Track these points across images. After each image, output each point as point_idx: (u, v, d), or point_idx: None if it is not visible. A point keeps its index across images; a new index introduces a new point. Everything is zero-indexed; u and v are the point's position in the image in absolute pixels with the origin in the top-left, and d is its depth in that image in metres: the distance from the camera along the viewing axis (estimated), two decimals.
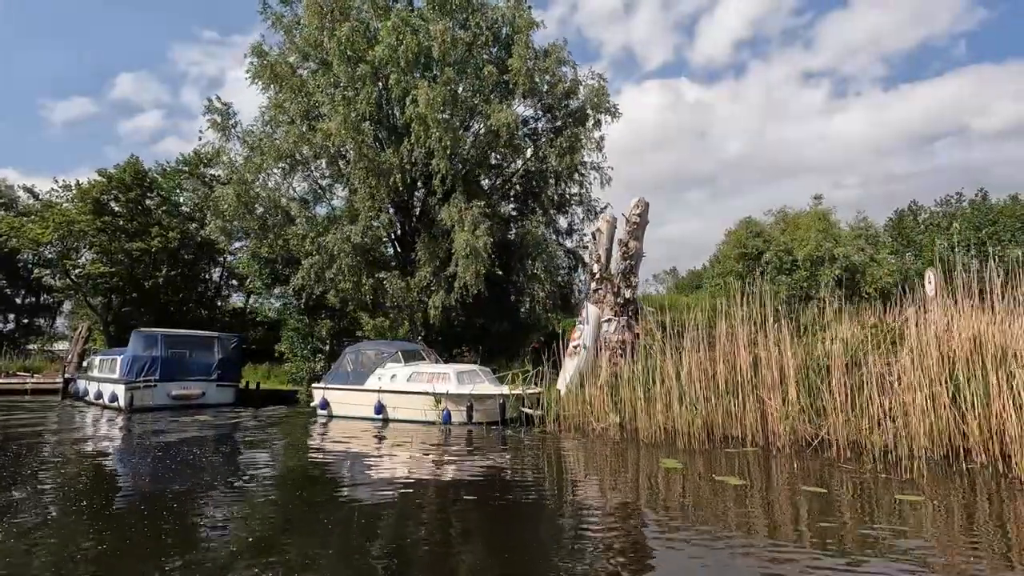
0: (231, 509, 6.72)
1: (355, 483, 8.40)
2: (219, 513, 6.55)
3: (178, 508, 6.62)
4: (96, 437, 13.50)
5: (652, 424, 11.07)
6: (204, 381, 19.13)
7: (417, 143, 20.07)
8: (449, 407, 13.00)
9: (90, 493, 7.62)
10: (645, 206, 17.66)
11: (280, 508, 6.86)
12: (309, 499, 7.30)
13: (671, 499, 7.13)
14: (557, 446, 11.19)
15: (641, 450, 10.40)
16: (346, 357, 15.66)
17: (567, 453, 10.56)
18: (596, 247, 18.76)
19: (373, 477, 8.75)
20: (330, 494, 7.70)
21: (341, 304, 19.55)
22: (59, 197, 30.86)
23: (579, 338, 17.43)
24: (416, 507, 6.90)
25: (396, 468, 9.36)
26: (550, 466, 9.49)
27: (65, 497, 7.32)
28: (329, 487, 8.22)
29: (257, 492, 7.52)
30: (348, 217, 20.93)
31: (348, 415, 14.87)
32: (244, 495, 7.38)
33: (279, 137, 20.07)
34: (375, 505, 6.97)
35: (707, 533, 5.56)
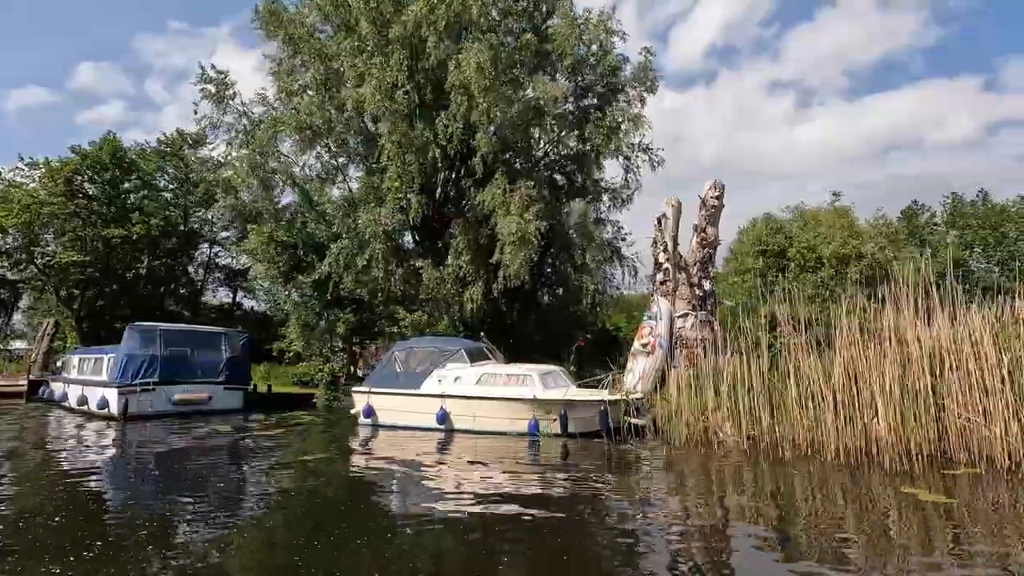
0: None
1: (453, 523, 6.24)
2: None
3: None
4: (83, 452, 10.94)
5: (806, 435, 9.20)
6: (210, 384, 16.48)
7: (454, 117, 17.91)
8: (536, 416, 10.92)
9: (86, 537, 5.37)
10: (722, 188, 15.92)
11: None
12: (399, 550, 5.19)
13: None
14: (687, 465, 9.23)
15: (814, 470, 8.48)
16: (394, 356, 13.36)
17: (716, 475, 8.55)
18: (662, 234, 16.91)
19: (475, 514, 6.61)
20: (428, 539, 5.60)
21: (370, 296, 17.19)
22: (24, 177, 27.38)
23: (648, 335, 15.58)
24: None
25: (493, 500, 7.25)
26: (706, 496, 7.49)
27: (56, 545, 5.07)
28: (423, 526, 6.07)
29: (324, 552, 5.25)
30: (372, 199, 18.57)
31: (400, 424, 12.58)
32: (313, 551, 5.19)
33: (299, 105, 17.56)
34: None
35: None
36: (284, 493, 7.61)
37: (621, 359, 19.55)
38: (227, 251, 33.97)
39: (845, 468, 8.46)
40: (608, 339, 20.51)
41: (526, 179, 17.76)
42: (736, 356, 10.96)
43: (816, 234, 33.45)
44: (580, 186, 21.53)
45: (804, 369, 9.77)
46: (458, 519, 6.30)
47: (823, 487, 7.68)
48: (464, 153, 19.20)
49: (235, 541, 5.62)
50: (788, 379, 9.86)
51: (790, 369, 9.84)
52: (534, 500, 7.10)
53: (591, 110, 20.64)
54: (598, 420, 10.70)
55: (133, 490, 7.83)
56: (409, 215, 18.16)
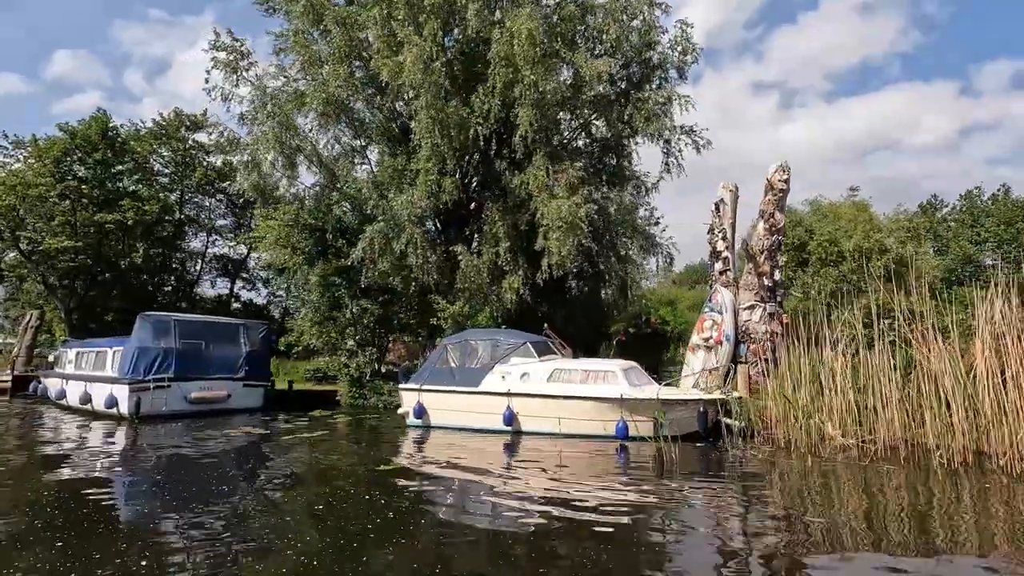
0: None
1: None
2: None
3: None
4: (93, 459, 9.50)
5: (963, 440, 8.08)
6: (229, 380, 15.00)
7: (491, 92, 16.57)
8: (625, 417, 9.73)
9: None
10: (789, 171, 14.87)
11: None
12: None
13: None
14: (814, 475, 8.10)
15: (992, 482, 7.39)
16: (447, 350, 12.04)
17: (872, 491, 7.36)
18: (720, 220, 15.84)
19: (571, 532, 5.49)
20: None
21: (403, 285, 15.80)
22: (8, 156, 25.32)
23: (711, 328, 14.50)
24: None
25: (588, 513, 6.17)
26: (896, 520, 6.37)
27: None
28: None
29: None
30: (397, 181, 17.16)
31: (456, 425, 11.31)
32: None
33: (325, 77, 16.05)
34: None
35: None
36: (350, 508, 6.30)
37: (667, 354, 18.64)
38: (224, 239, 32.18)
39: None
40: (644, 333, 19.38)
41: (571, 160, 16.51)
42: (838, 350, 9.89)
43: (836, 227, 32.86)
44: (614, 170, 20.36)
45: (937, 365, 8.69)
46: (551, 535, 5.13)
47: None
48: (500, 133, 17.89)
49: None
50: (921, 377, 8.79)
51: (920, 364, 8.79)
52: (638, 512, 6.02)
53: (630, 89, 19.44)
54: (696, 422, 9.56)
55: (163, 508, 6.44)
56: (441, 199, 16.81)
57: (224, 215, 32.61)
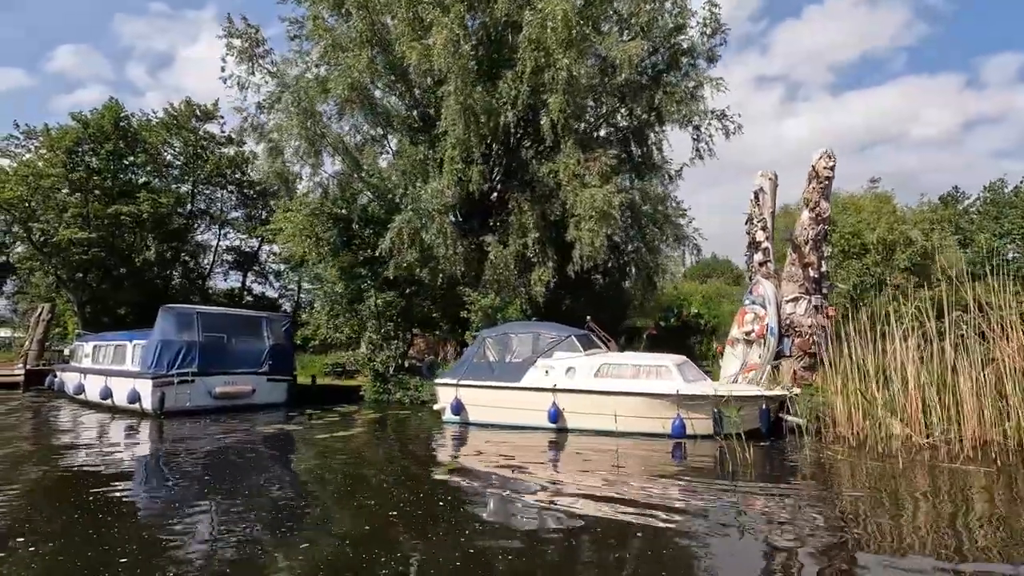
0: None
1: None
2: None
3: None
4: (118, 455, 9.04)
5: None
6: (253, 375, 14.54)
7: (520, 78, 16.00)
8: (682, 414, 9.24)
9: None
10: (835, 158, 14.29)
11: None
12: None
13: None
14: (890, 476, 7.57)
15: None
16: (485, 344, 11.53)
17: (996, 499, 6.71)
18: (760, 210, 15.32)
19: (632, 540, 5.03)
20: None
21: (431, 277, 15.29)
22: (20, 147, 24.82)
23: (752, 322, 13.96)
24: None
25: (651, 518, 5.67)
26: None
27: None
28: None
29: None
30: (419, 170, 16.62)
31: (496, 422, 10.81)
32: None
33: (348, 61, 15.48)
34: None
35: None
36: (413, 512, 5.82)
37: (701, 348, 18.06)
38: (236, 232, 31.72)
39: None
40: (674, 327, 18.84)
41: (604, 148, 15.96)
42: (910, 343, 9.35)
43: (859, 219, 32.21)
44: (639, 159, 19.79)
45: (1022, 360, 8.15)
46: (605, 537, 4.65)
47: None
48: (527, 120, 17.34)
49: None
50: (1004, 372, 8.25)
51: (1002, 358, 8.25)
52: (700, 515, 5.59)
53: (659, 74, 18.83)
54: (758, 419, 9.06)
55: (219, 514, 5.97)
56: (468, 188, 16.29)
57: (235, 207, 32.16)
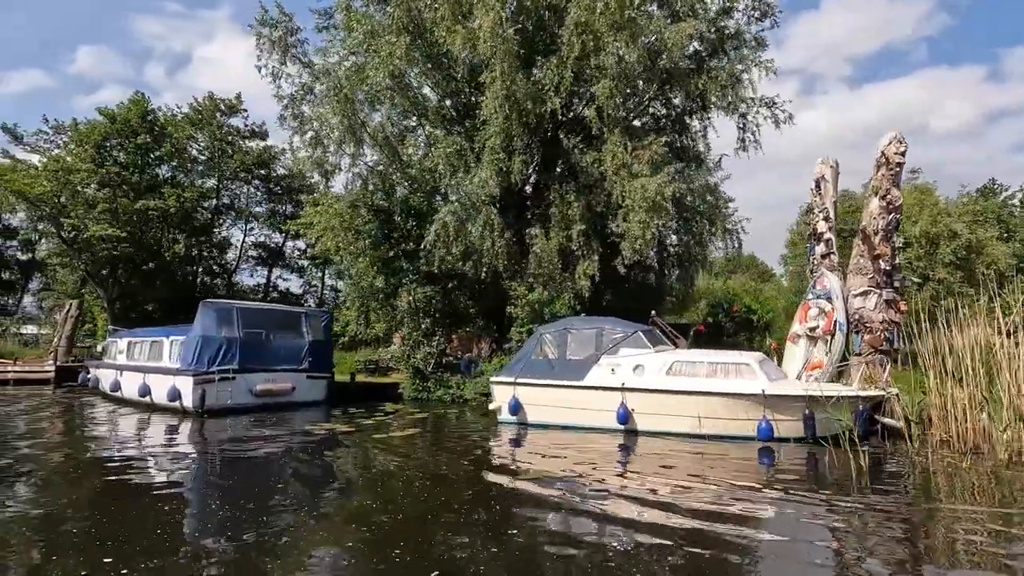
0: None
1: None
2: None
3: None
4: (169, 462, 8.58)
5: None
6: (293, 372, 14.11)
7: (564, 63, 15.35)
8: (769, 416, 8.60)
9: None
10: (906, 144, 13.47)
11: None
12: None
13: None
14: (1014, 485, 6.85)
15: None
16: (543, 339, 10.94)
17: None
18: (821, 199, 14.54)
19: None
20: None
21: (475, 270, 14.73)
22: (47, 142, 24.67)
23: (817, 317, 13.23)
24: None
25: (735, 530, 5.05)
26: None
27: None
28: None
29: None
30: (455, 162, 16.05)
31: (558, 423, 10.24)
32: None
33: (387, 48, 14.93)
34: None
35: None
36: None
37: (753, 344, 17.36)
38: (262, 227, 31.47)
39: None
40: (721, 323, 18.11)
41: (648, 136, 15.28)
42: (1017, 338, 8.59)
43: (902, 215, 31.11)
44: (679, 148, 19.04)
45: None
46: (682, 548, 3.98)
47: None
48: (570, 107, 16.69)
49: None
50: None
51: None
52: (799, 528, 4.95)
53: (703, 58, 18.05)
54: (852, 421, 8.37)
55: (290, 532, 5.45)
56: (510, 179, 15.68)
57: (260, 202, 31.93)
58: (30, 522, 5.43)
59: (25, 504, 6.05)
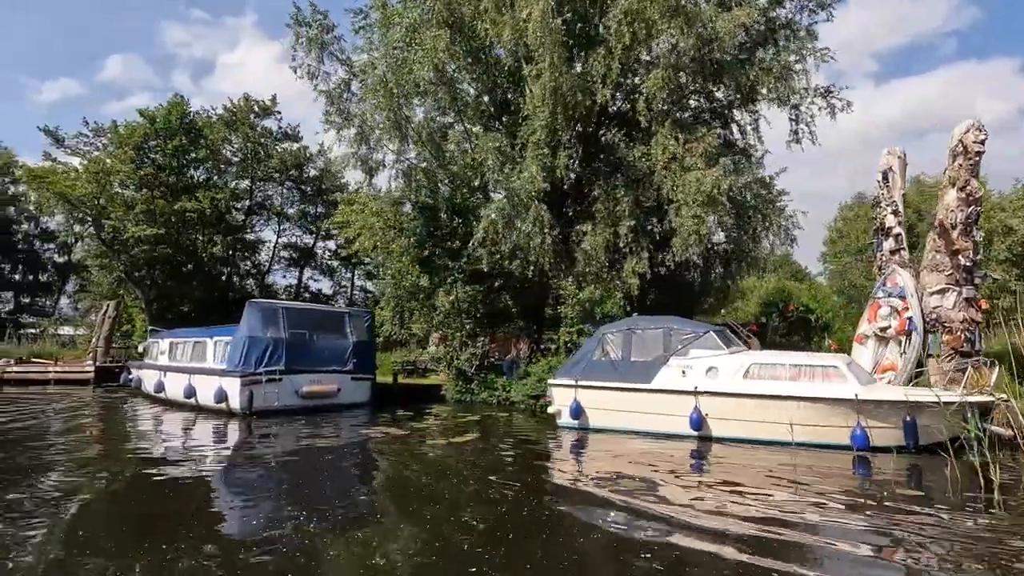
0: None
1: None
2: None
3: None
4: (238, 461, 8.26)
5: None
6: (337, 373, 13.82)
7: (610, 54, 14.82)
8: (863, 423, 7.98)
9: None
10: (986, 132, 12.65)
11: None
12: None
13: None
14: None
15: None
16: (605, 339, 10.42)
17: None
18: (889, 191, 13.78)
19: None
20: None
21: (522, 269, 14.27)
22: (87, 144, 24.92)
23: (889, 316, 12.48)
24: None
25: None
26: None
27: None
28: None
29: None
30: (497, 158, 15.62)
31: (624, 428, 9.71)
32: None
33: (429, 42, 14.57)
34: None
35: None
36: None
37: (810, 345, 16.61)
38: (296, 227, 31.49)
39: None
40: (775, 323, 17.35)
41: (707, 127, 14.68)
42: None
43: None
44: (726, 142, 18.33)
45: None
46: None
47: None
48: (615, 100, 16.15)
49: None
50: None
51: None
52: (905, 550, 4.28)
53: (752, 48, 17.32)
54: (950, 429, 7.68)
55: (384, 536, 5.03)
56: (555, 174, 15.20)
57: (292, 204, 31.96)
58: (95, 515, 5.11)
59: (94, 498, 5.76)
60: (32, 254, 44.69)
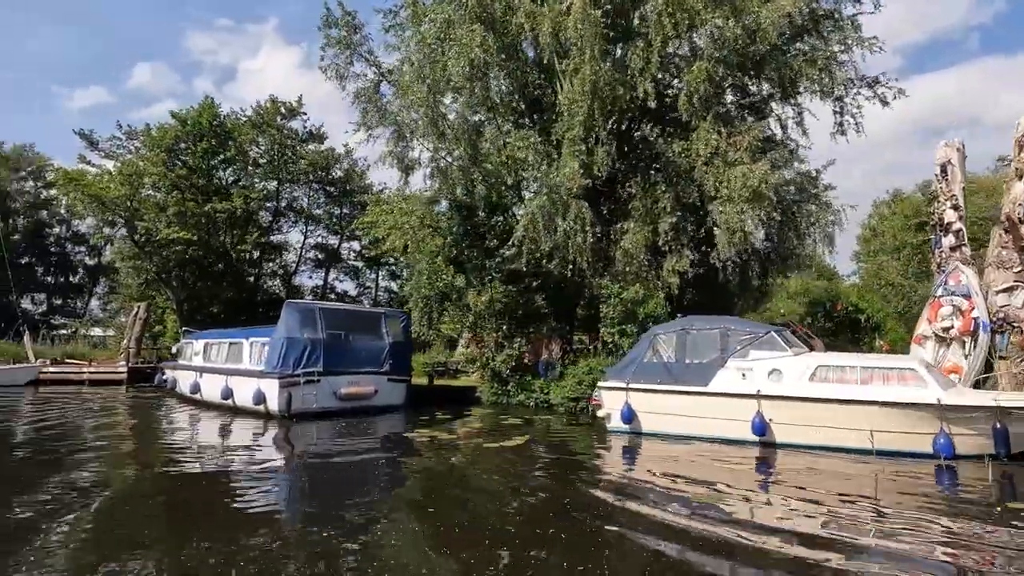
0: None
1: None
2: None
3: None
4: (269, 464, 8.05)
5: None
6: (375, 374, 13.60)
7: (649, 46, 14.40)
8: (947, 430, 7.49)
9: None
10: None
11: None
12: None
13: None
14: None
15: None
16: (656, 340, 10.02)
17: None
18: (948, 186, 13.18)
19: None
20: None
21: (561, 267, 13.91)
22: (120, 147, 25.15)
23: (952, 316, 11.88)
24: None
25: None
26: None
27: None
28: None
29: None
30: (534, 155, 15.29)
31: (679, 433, 9.31)
32: None
33: (465, 36, 14.30)
34: None
35: None
36: None
37: (861, 347, 16.02)
38: (322, 228, 31.52)
39: None
40: (820, 323, 16.75)
41: (755, 117, 14.19)
42: None
43: (992, 203, 28.69)
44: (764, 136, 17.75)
45: None
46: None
47: None
48: (659, 93, 15.71)
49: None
50: None
51: None
52: None
53: (792, 38, 16.71)
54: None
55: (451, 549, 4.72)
56: (592, 171, 14.81)
57: (319, 205, 32.01)
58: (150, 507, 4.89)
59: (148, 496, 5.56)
60: (63, 257, 45.54)
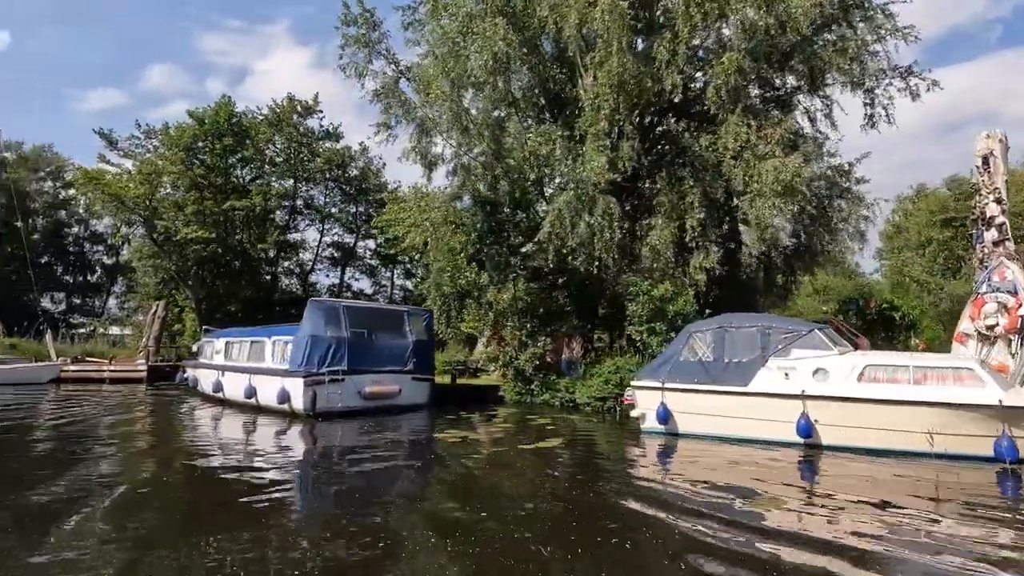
0: None
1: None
2: None
3: None
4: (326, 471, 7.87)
5: None
6: (399, 373, 13.44)
7: (676, 38, 14.07)
8: (1010, 432, 7.15)
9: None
10: None
11: None
12: None
13: None
14: None
15: None
16: (693, 338, 9.72)
17: None
18: (991, 178, 12.70)
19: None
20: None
21: (587, 264, 13.63)
22: (139, 147, 25.23)
23: (997, 313, 11.44)
24: None
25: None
26: None
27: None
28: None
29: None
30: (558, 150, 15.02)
31: (718, 435, 9.01)
32: None
33: (489, 29, 14.06)
34: None
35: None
36: None
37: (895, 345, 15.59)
38: (339, 226, 31.48)
39: None
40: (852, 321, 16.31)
41: (781, 111, 13.82)
42: None
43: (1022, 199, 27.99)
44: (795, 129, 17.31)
45: None
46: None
47: None
48: (685, 86, 15.39)
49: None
50: None
51: None
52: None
53: (821, 28, 16.26)
54: None
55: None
56: (618, 166, 14.52)
57: (334, 203, 31.98)
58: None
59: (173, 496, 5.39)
60: (81, 256, 46.00)
